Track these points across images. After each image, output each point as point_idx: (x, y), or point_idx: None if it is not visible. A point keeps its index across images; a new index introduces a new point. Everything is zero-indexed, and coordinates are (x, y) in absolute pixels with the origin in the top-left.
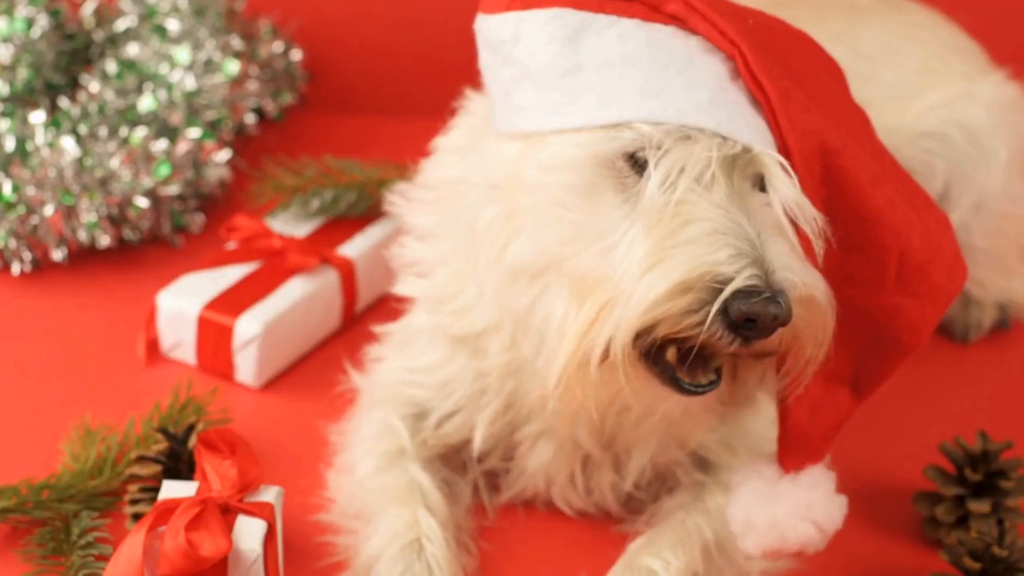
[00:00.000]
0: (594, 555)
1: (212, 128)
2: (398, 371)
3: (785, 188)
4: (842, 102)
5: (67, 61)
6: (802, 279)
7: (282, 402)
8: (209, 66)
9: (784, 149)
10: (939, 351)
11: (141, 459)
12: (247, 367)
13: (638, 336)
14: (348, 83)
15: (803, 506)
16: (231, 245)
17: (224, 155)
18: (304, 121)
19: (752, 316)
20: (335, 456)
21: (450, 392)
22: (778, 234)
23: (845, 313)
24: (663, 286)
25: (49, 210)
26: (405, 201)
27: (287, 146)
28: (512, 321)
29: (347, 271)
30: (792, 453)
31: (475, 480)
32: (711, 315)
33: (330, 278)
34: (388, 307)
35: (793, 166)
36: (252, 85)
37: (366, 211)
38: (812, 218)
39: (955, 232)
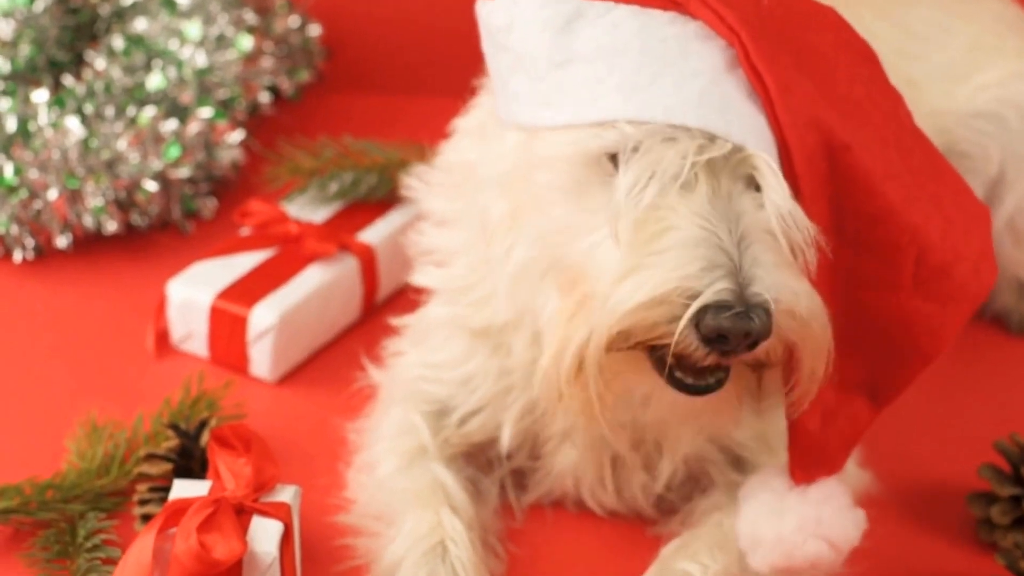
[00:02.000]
0: (627, 558)
1: (224, 107)
2: (417, 366)
3: (775, 194)
4: (866, 89)
5: (71, 37)
6: (783, 291)
7: (299, 397)
8: (221, 42)
9: (783, 146)
10: (994, 343)
11: (150, 457)
12: (262, 360)
13: (613, 340)
14: (368, 60)
15: (812, 522)
16: (245, 231)
17: (237, 136)
18: (322, 100)
19: (722, 332)
20: (354, 454)
21: (473, 389)
22: (765, 241)
23: (858, 317)
24: (635, 298)
25: (53, 194)
26: (423, 185)
27: (304, 126)
28: (531, 319)
29: (367, 258)
30: (802, 463)
31: (502, 479)
32: (679, 329)
33: (349, 266)
34: (410, 297)
35: (793, 164)
36: (267, 62)
37: (387, 195)
38: (804, 228)
39: (992, 226)
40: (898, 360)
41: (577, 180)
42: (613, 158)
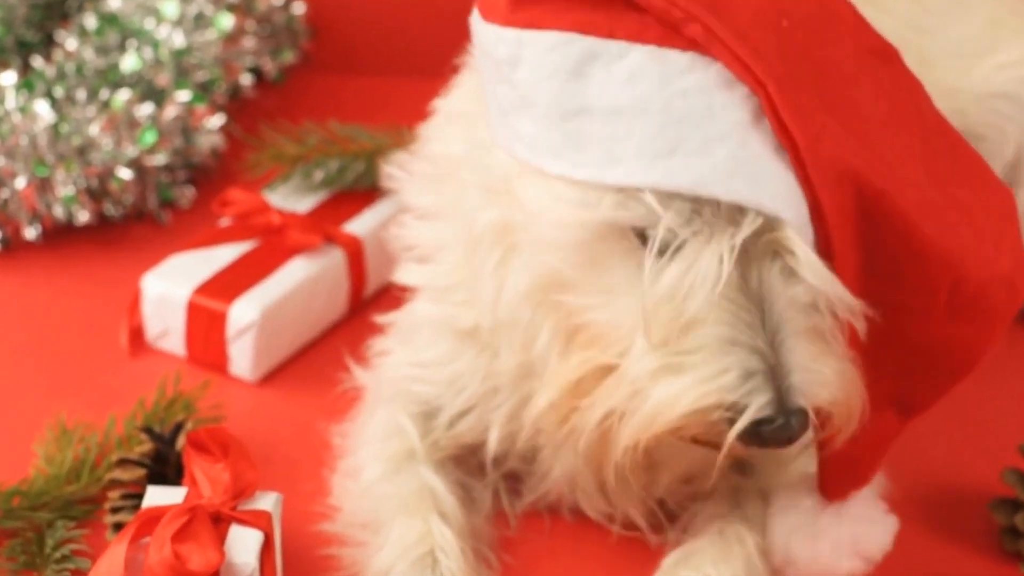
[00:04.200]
0: (626, 568)
1: (203, 90)
2: (403, 365)
3: (811, 275)
4: (889, 100)
5: (41, 15)
6: (822, 388)
7: (281, 398)
8: (200, 20)
9: (815, 203)
10: (1019, 341)
11: (123, 462)
12: (242, 358)
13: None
14: (356, 39)
15: (849, 542)
16: (224, 222)
17: (217, 121)
18: (307, 82)
19: (762, 440)
20: (339, 459)
21: (460, 389)
22: (799, 323)
23: (888, 340)
24: (674, 412)
25: (21, 183)
26: (405, 175)
27: (287, 110)
28: (519, 338)
29: (354, 250)
30: (833, 482)
31: (495, 484)
32: (724, 443)
33: (335, 258)
34: (398, 292)
35: (825, 221)
36: (248, 42)
37: (375, 183)
38: (842, 303)
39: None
40: (929, 377)
41: (592, 245)
42: (639, 233)
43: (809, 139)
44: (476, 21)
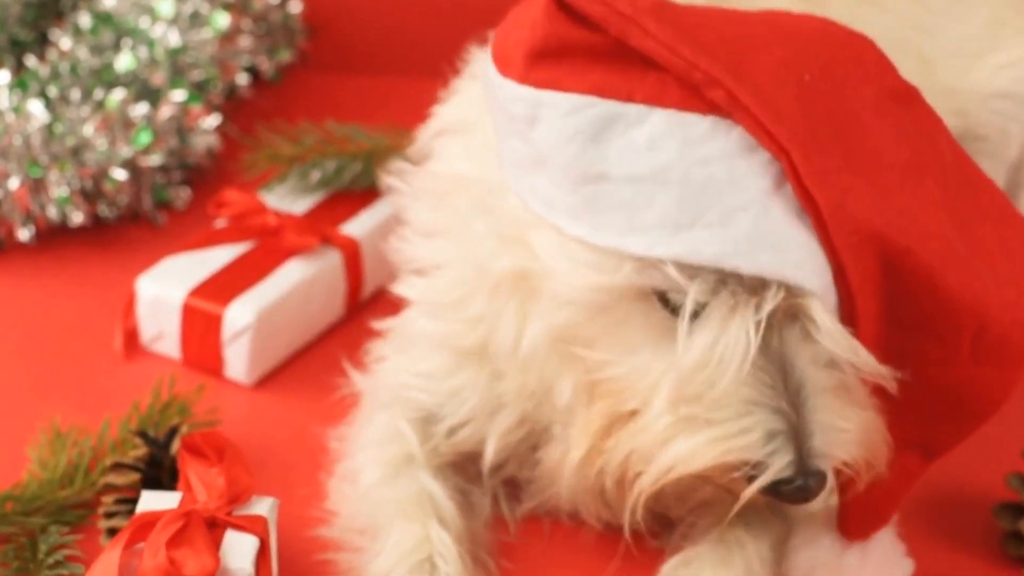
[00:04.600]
0: (626, 574)
1: (199, 90)
2: (402, 373)
3: (834, 344)
4: (911, 146)
5: (35, 14)
6: (843, 447)
7: (277, 401)
8: (196, 19)
9: (838, 267)
10: None
11: (117, 466)
12: (238, 361)
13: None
14: (354, 38)
15: None
16: (220, 223)
17: (213, 121)
18: (303, 82)
19: (782, 497)
20: (336, 463)
21: (462, 401)
22: (820, 381)
23: (913, 386)
24: (695, 464)
25: (14, 183)
26: (405, 187)
27: (284, 110)
28: (538, 374)
29: (351, 252)
30: (856, 521)
31: (494, 489)
32: (742, 496)
33: (332, 260)
34: (395, 297)
35: (848, 284)
36: (245, 41)
37: (373, 184)
38: (866, 366)
39: None
40: (952, 419)
41: (611, 305)
42: (661, 295)
43: (833, 205)
44: (490, 72)
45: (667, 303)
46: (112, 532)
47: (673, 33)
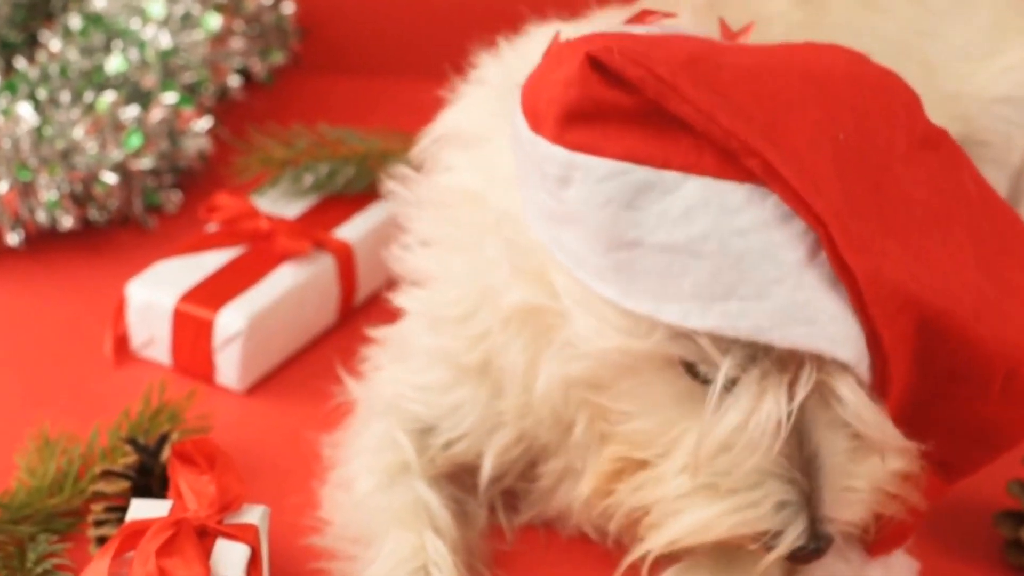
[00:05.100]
0: None
1: (190, 92)
2: (398, 383)
3: (861, 423)
4: (941, 196)
5: (24, 15)
6: (857, 505)
7: (269, 408)
8: (187, 21)
9: (872, 333)
10: None
11: (107, 474)
12: (229, 367)
13: None
14: (347, 40)
15: None
16: (211, 227)
17: (204, 123)
18: (296, 84)
19: (793, 560)
20: (330, 471)
21: (463, 416)
22: (838, 444)
23: (936, 417)
24: (708, 534)
25: (3, 187)
26: (407, 193)
27: (276, 112)
28: (550, 412)
29: (345, 257)
30: (878, 538)
31: (491, 499)
32: (758, 568)
33: (325, 265)
34: (391, 302)
35: (882, 348)
36: (237, 43)
37: (366, 188)
38: (891, 438)
39: None
40: (975, 449)
41: (637, 368)
42: (689, 365)
43: (869, 274)
44: (520, 124)
45: (693, 371)
46: (101, 541)
47: (709, 98)
